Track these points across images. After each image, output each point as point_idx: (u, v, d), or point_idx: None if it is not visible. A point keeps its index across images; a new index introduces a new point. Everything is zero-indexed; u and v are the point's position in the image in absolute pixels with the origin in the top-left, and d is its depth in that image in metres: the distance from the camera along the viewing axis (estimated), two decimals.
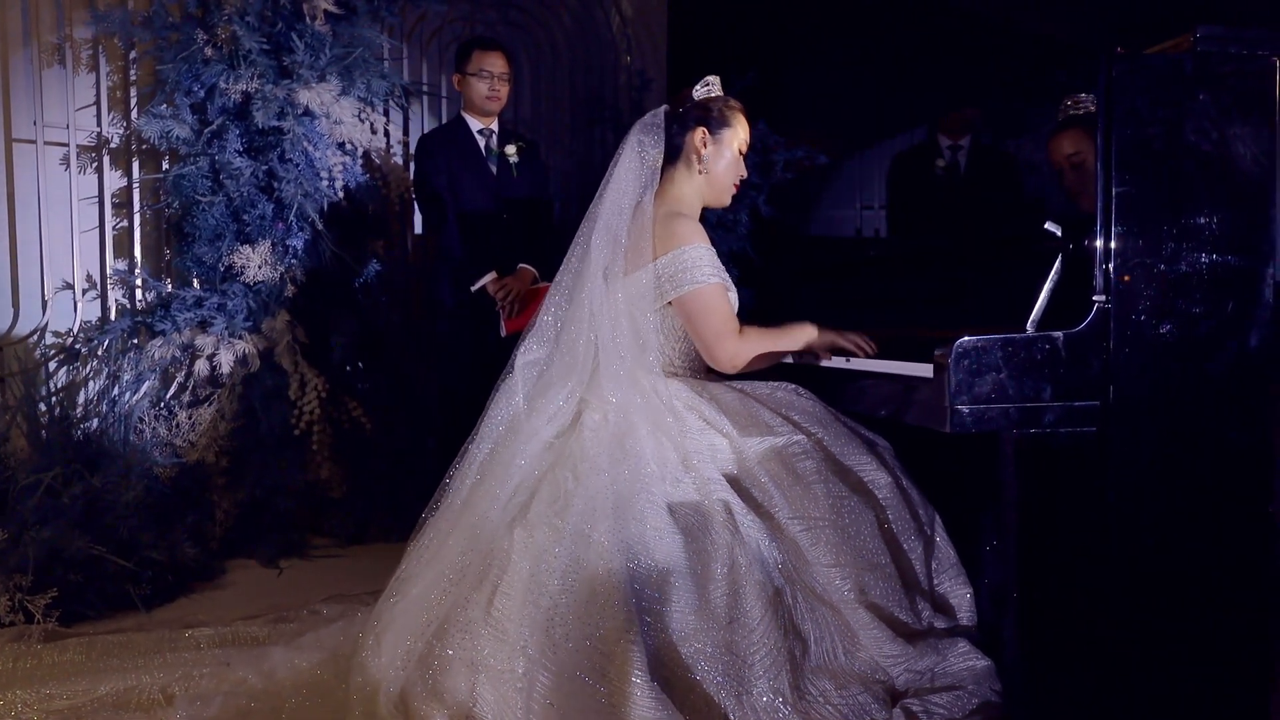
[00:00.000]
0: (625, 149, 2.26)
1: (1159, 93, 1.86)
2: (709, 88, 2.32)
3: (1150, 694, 1.92)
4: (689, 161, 2.29)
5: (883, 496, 2.08)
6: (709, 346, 2.19)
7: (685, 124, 2.29)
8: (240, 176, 3.53)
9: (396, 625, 1.91)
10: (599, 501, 1.90)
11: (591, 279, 2.14)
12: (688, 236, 2.18)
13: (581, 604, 1.79)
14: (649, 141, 2.25)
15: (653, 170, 2.24)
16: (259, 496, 3.55)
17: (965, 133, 4.18)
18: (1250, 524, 1.93)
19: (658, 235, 2.18)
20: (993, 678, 1.96)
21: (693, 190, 2.31)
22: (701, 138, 2.28)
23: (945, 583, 2.12)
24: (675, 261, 2.15)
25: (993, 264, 2.45)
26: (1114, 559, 1.89)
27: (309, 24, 3.59)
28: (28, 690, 2.20)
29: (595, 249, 2.16)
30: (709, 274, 2.16)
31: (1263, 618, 1.93)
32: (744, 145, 2.34)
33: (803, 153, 4.51)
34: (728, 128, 2.30)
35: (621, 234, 2.17)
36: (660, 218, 2.21)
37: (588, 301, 2.13)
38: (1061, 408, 1.87)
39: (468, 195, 3.58)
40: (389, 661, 1.85)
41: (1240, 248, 1.91)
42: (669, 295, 2.17)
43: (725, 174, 2.32)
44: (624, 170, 2.23)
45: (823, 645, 1.92)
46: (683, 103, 2.32)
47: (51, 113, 3.68)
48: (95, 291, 3.76)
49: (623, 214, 2.18)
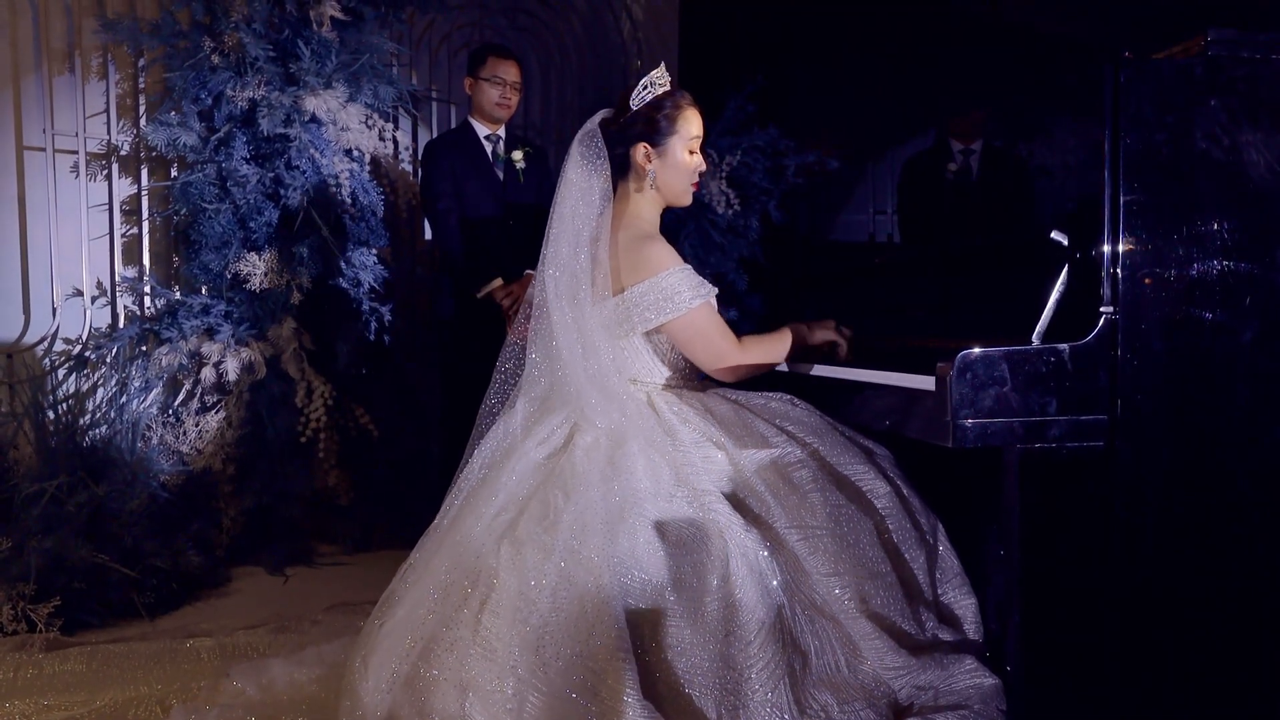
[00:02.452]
0: (569, 167, 2.14)
1: (1167, 98, 1.82)
2: (647, 91, 2.18)
3: (1157, 717, 1.88)
4: (638, 177, 2.19)
5: (882, 505, 2.04)
6: (711, 364, 2.16)
7: (626, 137, 2.17)
8: (247, 184, 3.53)
9: (382, 648, 1.87)
10: (589, 518, 1.86)
11: (555, 309, 2.06)
12: (662, 262, 2.09)
13: (572, 622, 1.76)
14: (593, 157, 2.12)
15: (604, 192, 2.12)
16: (265, 504, 3.55)
17: (976, 136, 4.12)
18: (1265, 542, 1.88)
19: (625, 265, 2.10)
20: (1000, 697, 1.91)
21: (649, 204, 2.22)
22: (644, 154, 2.17)
23: (949, 592, 2.08)
24: (653, 291, 2.08)
25: (1003, 270, 2.41)
26: (1121, 576, 1.85)
27: (316, 31, 3.58)
28: (26, 701, 2.21)
29: (551, 280, 2.07)
30: (689, 298, 2.09)
31: (1276, 639, 1.89)
32: (695, 142, 2.20)
33: (814, 157, 4.48)
34: (672, 135, 2.17)
35: (581, 262, 2.06)
36: (625, 243, 2.12)
37: (559, 331, 2.05)
38: (1068, 422, 1.83)
39: (474, 201, 3.57)
40: (375, 685, 1.82)
41: (1254, 257, 1.86)
42: (650, 324, 2.10)
43: (677, 181, 2.21)
44: (572, 189, 2.11)
45: (824, 658, 1.88)
46: (622, 112, 2.19)
47: (62, 120, 3.70)
48: (105, 298, 3.77)
49: (580, 239, 2.07)
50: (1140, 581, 1.86)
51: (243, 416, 3.58)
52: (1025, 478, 1.83)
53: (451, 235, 3.53)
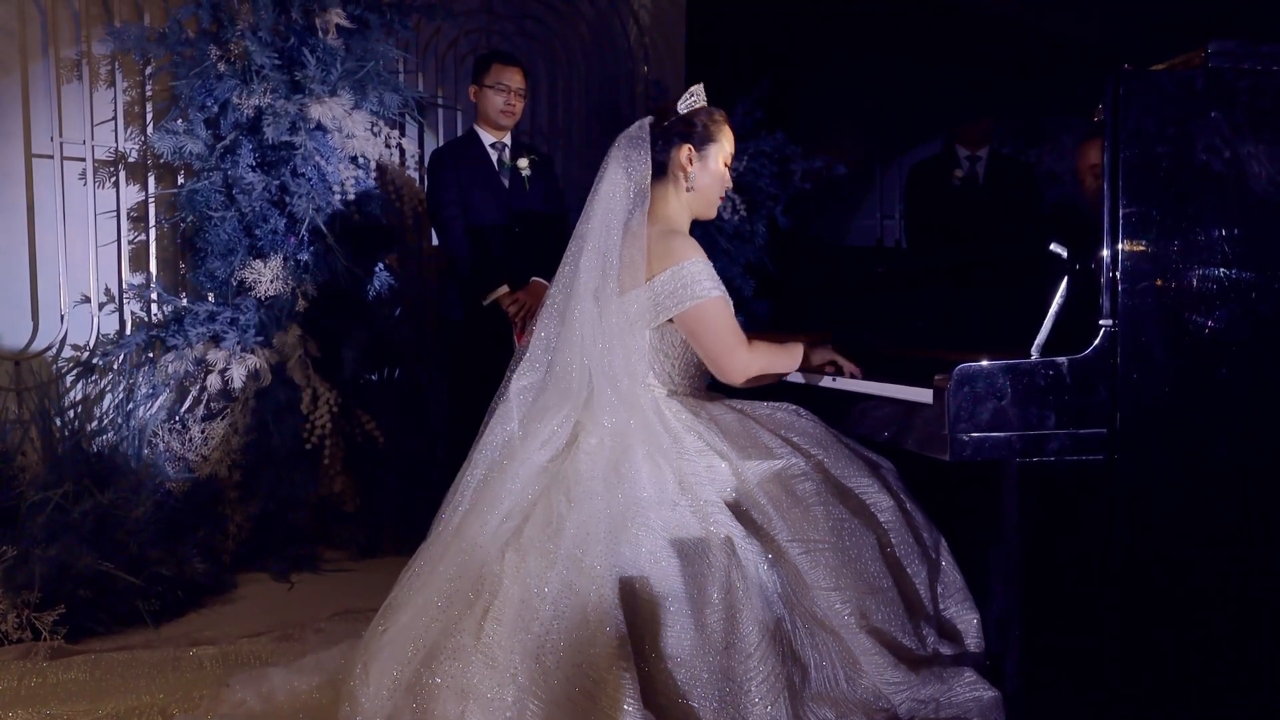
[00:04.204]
0: (610, 164, 2.21)
1: (1168, 111, 1.81)
2: (693, 99, 2.27)
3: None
4: (676, 179, 2.25)
5: (885, 519, 2.04)
6: (717, 359, 2.16)
7: (670, 140, 2.24)
8: (252, 191, 3.54)
9: (384, 654, 1.88)
10: (592, 526, 1.87)
11: (581, 301, 2.11)
12: (685, 252, 2.14)
13: (573, 630, 1.76)
14: (635, 157, 2.20)
15: (641, 188, 2.19)
16: (271, 510, 3.55)
17: (984, 143, 4.11)
18: (1267, 555, 1.87)
19: (654, 254, 2.15)
20: (999, 709, 1.91)
21: (681, 206, 2.27)
22: (687, 155, 2.23)
23: (951, 607, 2.08)
24: (675, 278, 2.12)
25: (1009, 278, 2.40)
26: (1121, 590, 1.84)
27: (321, 38, 3.59)
28: (30, 710, 2.22)
29: (584, 270, 2.13)
30: (709, 287, 2.12)
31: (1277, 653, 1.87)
32: (728, 158, 2.30)
33: (821, 163, 4.47)
34: (713, 143, 2.26)
35: (613, 254, 2.13)
36: (655, 236, 2.17)
37: (579, 325, 2.10)
38: (1067, 435, 1.82)
39: (479, 208, 3.58)
40: (376, 691, 1.83)
41: (1256, 269, 1.85)
42: (670, 312, 2.14)
43: (711, 189, 2.28)
44: (610, 187, 2.19)
45: (823, 672, 1.88)
46: (666, 116, 2.27)
47: (70, 128, 3.71)
48: (113, 305, 3.78)
49: (612, 233, 2.14)
50: (1141, 594, 1.85)
51: (248, 423, 3.59)
52: (1024, 492, 1.82)
53: (457, 243, 3.54)
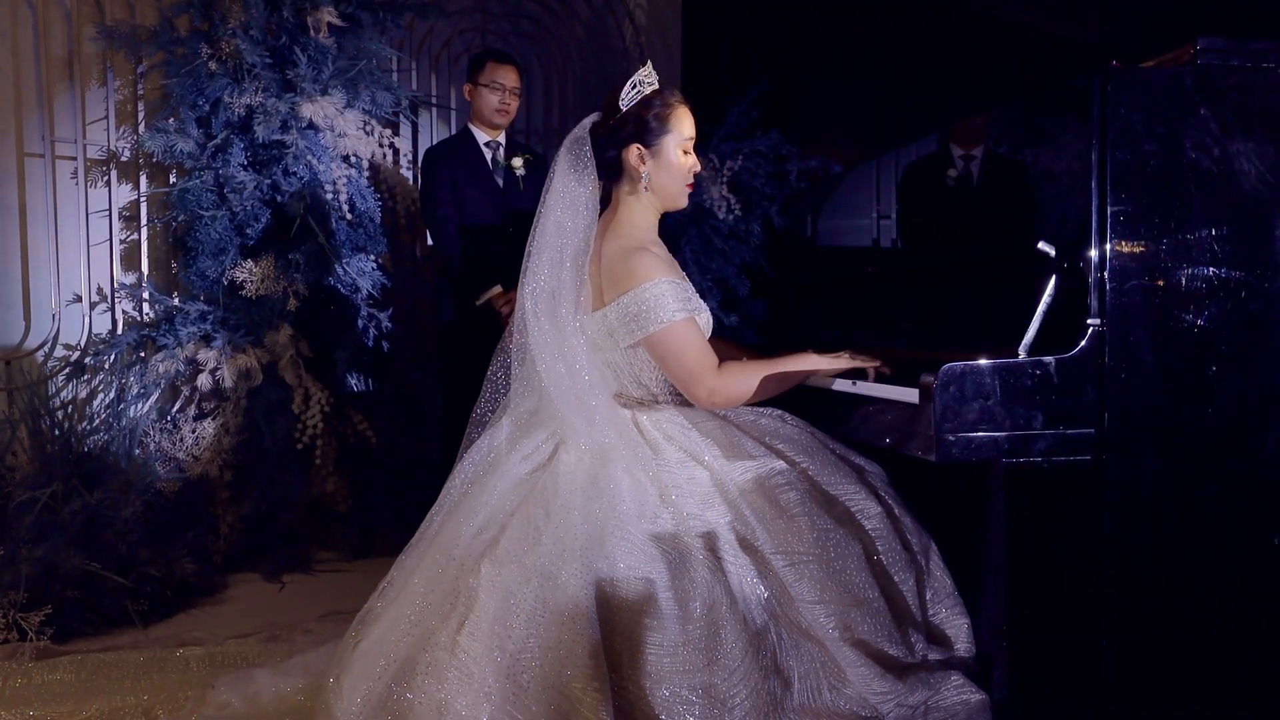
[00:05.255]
0: (556, 173, 2.06)
1: (1156, 108, 1.80)
2: (637, 89, 2.09)
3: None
4: (631, 181, 2.13)
5: (871, 527, 2.00)
6: (684, 386, 2.07)
7: (617, 140, 2.09)
8: (244, 190, 3.53)
9: (355, 668, 1.84)
10: (569, 540, 1.82)
11: (534, 327, 2.00)
12: (646, 272, 2.02)
13: (548, 648, 1.72)
14: (581, 165, 2.05)
15: (592, 200, 2.05)
16: (263, 510, 3.54)
17: (978, 142, 4.08)
18: (1255, 556, 1.85)
19: (616, 274, 2.04)
20: (987, 712, 1.89)
21: (643, 209, 2.15)
22: (638, 155, 2.10)
23: (941, 612, 2.04)
24: (636, 301, 2.01)
25: (1005, 277, 2.38)
26: (1109, 591, 1.83)
27: (313, 37, 3.57)
28: (13, 711, 2.21)
29: (529, 296, 2.02)
30: (673, 310, 2.01)
31: (1267, 655, 1.86)
32: (688, 142, 2.13)
33: (817, 162, 4.45)
34: (666, 134, 2.10)
35: (563, 277, 2.00)
36: (614, 254, 2.06)
37: (537, 352, 1.99)
38: (1054, 435, 1.80)
39: (473, 208, 3.56)
40: (348, 705, 1.80)
41: (1245, 268, 1.83)
42: (634, 336, 2.04)
43: (672, 183, 2.13)
44: (559, 199, 2.04)
45: (807, 683, 1.83)
46: (611, 114, 2.11)
47: (62, 127, 3.71)
48: (105, 304, 3.77)
49: (564, 252, 2.01)
50: (1129, 596, 1.83)
51: (240, 423, 3.58)
52: (1011, 493, 1.81)
53: (451, 242, 3.53)
